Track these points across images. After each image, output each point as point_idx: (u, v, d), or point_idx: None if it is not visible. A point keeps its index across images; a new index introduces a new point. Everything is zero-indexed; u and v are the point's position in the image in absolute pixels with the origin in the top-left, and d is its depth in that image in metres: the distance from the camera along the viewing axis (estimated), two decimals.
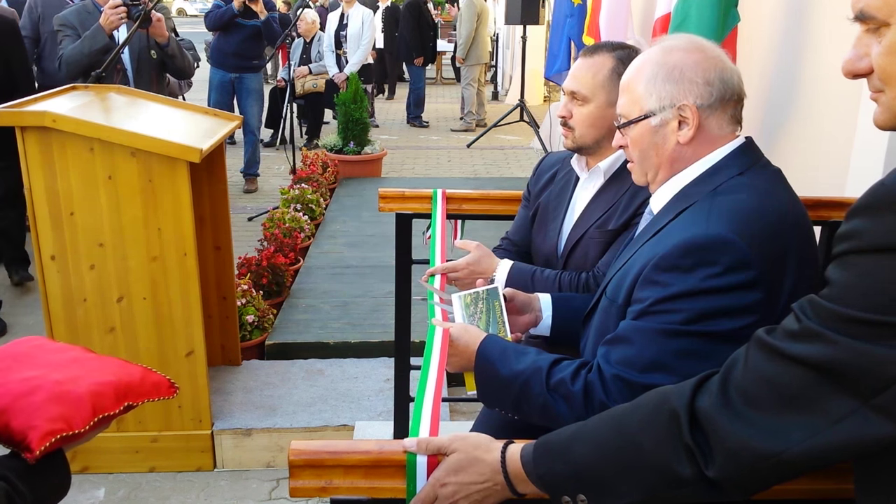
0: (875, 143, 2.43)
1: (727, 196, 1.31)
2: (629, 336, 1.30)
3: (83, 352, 1.30)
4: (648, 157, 1.44)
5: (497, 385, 1.42)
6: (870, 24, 0.89)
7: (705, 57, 1.37)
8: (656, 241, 1.35)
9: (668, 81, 1.37)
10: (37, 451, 1.07)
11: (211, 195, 3.34)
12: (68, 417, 1.12)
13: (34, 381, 1.15)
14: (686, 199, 1.37)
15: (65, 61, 3.97)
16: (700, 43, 1.40)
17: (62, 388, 1.15)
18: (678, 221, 1.34)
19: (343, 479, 1.14)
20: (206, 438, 3.01)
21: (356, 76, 7.26)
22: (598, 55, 1.88)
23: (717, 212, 1.29)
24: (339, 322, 4.00)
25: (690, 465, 0.97)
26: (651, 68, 1.39)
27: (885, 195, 0.82)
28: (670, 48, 1.40)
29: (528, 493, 1.12)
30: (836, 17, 2.80)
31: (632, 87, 1.43)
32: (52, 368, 1.20)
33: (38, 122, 2.59)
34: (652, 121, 1.39)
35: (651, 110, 1.39)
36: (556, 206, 2.08)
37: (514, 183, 7.06)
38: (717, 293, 1.23)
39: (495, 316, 1.62)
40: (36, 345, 1.29)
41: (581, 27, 5.33)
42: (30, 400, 1.12)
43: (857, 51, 0.91)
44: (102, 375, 1.22)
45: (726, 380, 0.96)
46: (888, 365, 0.81)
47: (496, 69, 13.60)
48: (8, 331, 4.15)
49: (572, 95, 1.89)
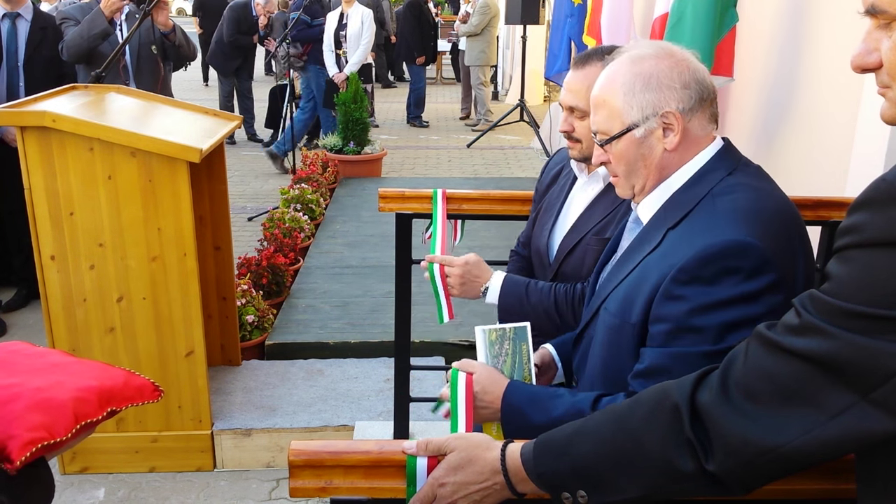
0: (875, 143, 2.43)
1: (726, 197, 1.29)
2: (667, 365, 1.23)
3: (63, 356, 1.27)
4: (636, 170, 1.40)
5: (532, 435, 1.27)
6: (881, 18, 0.89)
7: (676, 61, 1.35)
8: (663, 252, 1.31)
9: (646, 90, 1.34)
10: (17, 462, 1.05)
11: (211, 195, 3.34)
12: (49, 425, 1.10)
13: (13, 389, 1.12)
14: (680, 206, 1.34)
15: (66, 45, 4.13)
16: (667, 47, 1.38)
17: (43, 395, 1.13)
18: (682, 230, 1.31)
19: (343, 479, 1.14)
20: (206, 438, 3.01)
21: (356, 76, 7.27)
22: (590, 65, 1.83)
23: (723, 215, 1.26)
24: (339, 322, 4.00)
25: (691, 460, 0.97)
26: (625, 79, 1.36)
27: (886, 190, 0.82)
28: (639, 57, 1.37)
29: (528, 493, 1.12)
30: (836, 16, 2.80)
31: (608, 102, 1.38)
32: (32, 375, 1.17)
33: (37, 122, 2.59)
34: (636, 132, 1.36)
35: (634, 122, 1.35)
36: (552, 204, 2.07)
37: (514, 183, 7.06)
38: (745, 302, 1.19)
39: (521, 360, 1.51)
40: (13, 350, 1.26)
41: (581, 27, 5.33)
42: (9, 409, 1.09)
43: (867, 45, 0.91)
44: (84, 380, 1.19)
45: (726, 374, 0.97)
46: (887, 359, 0.81)
47: (496, 69, 13.61)
48: (8, 331, 4.15)
49: (571, 110, 1.86)
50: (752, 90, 3.42)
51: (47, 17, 4.49)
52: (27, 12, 4.24)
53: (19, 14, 4.21)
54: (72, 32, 4.09)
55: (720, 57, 3.19)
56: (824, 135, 2.88)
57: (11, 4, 4.15)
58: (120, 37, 4.28)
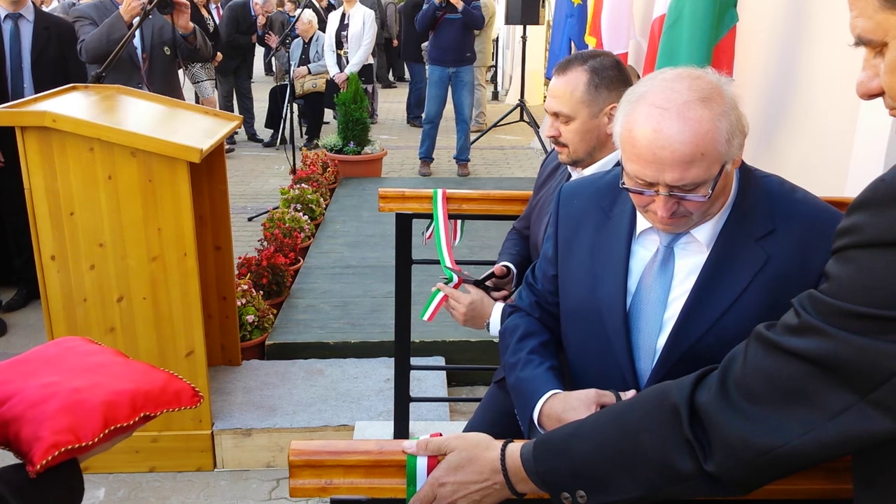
0: (875, 144, 2.44)
1: (785, 187, 1.34)
2: None
3: (113, 356, 1.26)
4: (720, 199, 1.31)
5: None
6: (869, 47, 0.89)
7: (732, 93, 1.29)
8: (785, 258, 1.27)
9: (736, 132, 1.25)
10: (37, 465, 1.04)
11: (211, 195, 3.34)
12: (76, 429, 1.08)
13: (52, 388, 1.12)
14: (751, 215, 1.30)
15: (85, 47, 4.10)
16: (715, 84, 1.29)
17: (77, 396, 1.11)
18: (787, 231, 1.28)
19: (343, 479, 1.14)
20: (206, 438, 3.01)
21: (356, 76, 7.27)
22: (571, 71, 1.83)
23: (809, 199, 1.32)
24: (339, 322, 4.00)
25: (690, 460, 0.97)
26: (716, 124, 1.22)
27: (885, 190, 0.82)
28: (709, 95, 1.25)
29: (528, 493, 1.12)
30: (836, 17, 2.80)
31: (708, 153, 1.22)
32: (74, 374, 1.16)
33: (37, 122, 2.59)
34: (727, 167, 1.26)
35: (724, 160, 1.25)
36: (547, 200, 2.08)
37: (514, 183, 7.05)
38: None
39: None
40: (68, 347, 1.25)
41: (582, 27, 5.35)
42: (42, 409, 1.08)
43: (868, 72, 0.92)
44: (121, 383, 1.17)
45: (726, 375, 0.97)
46: (887, 359, 0.81)
47: (496, 69, 13.60)
48: (8, 331, 4.15)
49: (556, 115, 1.87)
50: (752, 90, 3.42)
51: (50, 17, 4.49)
52: (29, 13, 4.23)
53: (21, 15, 4.20)
54: (92, 35, 4.07)
55: (719, 57, 3.19)
56: (824, 135, 2.88)
57: (14, 5, 4.15)
58: (137, 37, 4.28)
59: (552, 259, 1.52)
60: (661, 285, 1.35)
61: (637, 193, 1.29)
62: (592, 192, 1.51)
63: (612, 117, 1.80)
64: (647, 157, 1.23)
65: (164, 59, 4.38)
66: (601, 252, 1.43)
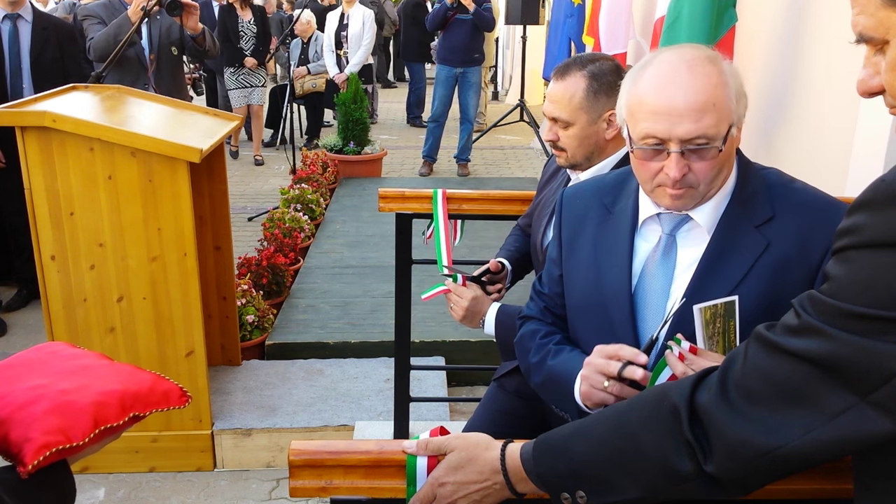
0: (875, 144, 2.44)
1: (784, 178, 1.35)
2: None
3: (97, 358, 1.26)
4: (723, 171, 1.30)
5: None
6: (870, 44, 0.89)
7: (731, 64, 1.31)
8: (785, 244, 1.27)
9: (741, 94, 1.28)
10: (29, 466, 1.04)
11: (211, 195, 3.34)
12: (67, 429, 1.08)
13: (39, 391, 1.12)
14: (750, 202, 1.31)
15: (93, 46, 4.15)
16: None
17: (65, 398, 1.12)
18: (787, 216, 1.28)
19: (343, 479, 1.14)
20: (206, 438, 3.01)
21: (356, 76, 7.27)
22: (570, 76, 1.82)
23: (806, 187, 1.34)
24: (339, 322, 4.00)
25: (690, 461, 0.97)
26: (725, 79, 1.25)
27: (885, 191, 0.82)
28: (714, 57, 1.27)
29: (527, 493, 1.12)
30: (836, 16, 2.80)
31: (719, 104, 1.23)
32: (60, 377, 1.16)
33: (37, 122, 2.59)
34: (733, 131, 1.28)
35: (732, 120, 1.26)
36: (547, 202, 2.08)
37: (514, 183, 7.06)
38: None
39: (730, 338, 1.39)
40: (52, 351, 1.25)
41: (581, 27, 5.34)
42: (30, 411, 1.09)
43: (868, 70, 0.92)
44: (109, 384, 1.18)
45: (726, 375, 0.97)
46: (887, 360, 0.81)
47: (496, 69, 13.60)
48: (8, 331, 4.15)
49: (554, 120, 1.86)
50: (752, 90, 3.40)
51: (48, 17, 4.49)
52: (27, 14, 4.23)
53: (20, 15, 4.20)
54: (100, 34, 4.10)
55: None
56: (824, 135, 2.88)
57: (12, 6, 4.15)
58: (145, 38, 4.29)
59: (557, 260, 1.53)
60: (664, 274, 1.36)
61: (646, 161, 1.29)
62: (595, 191, 1.52)
63: (611, 123, 1.81)
64: (661, 107, 1.24)
65: (172, 60, 4.40)
66: (604, 245, 1.43)
